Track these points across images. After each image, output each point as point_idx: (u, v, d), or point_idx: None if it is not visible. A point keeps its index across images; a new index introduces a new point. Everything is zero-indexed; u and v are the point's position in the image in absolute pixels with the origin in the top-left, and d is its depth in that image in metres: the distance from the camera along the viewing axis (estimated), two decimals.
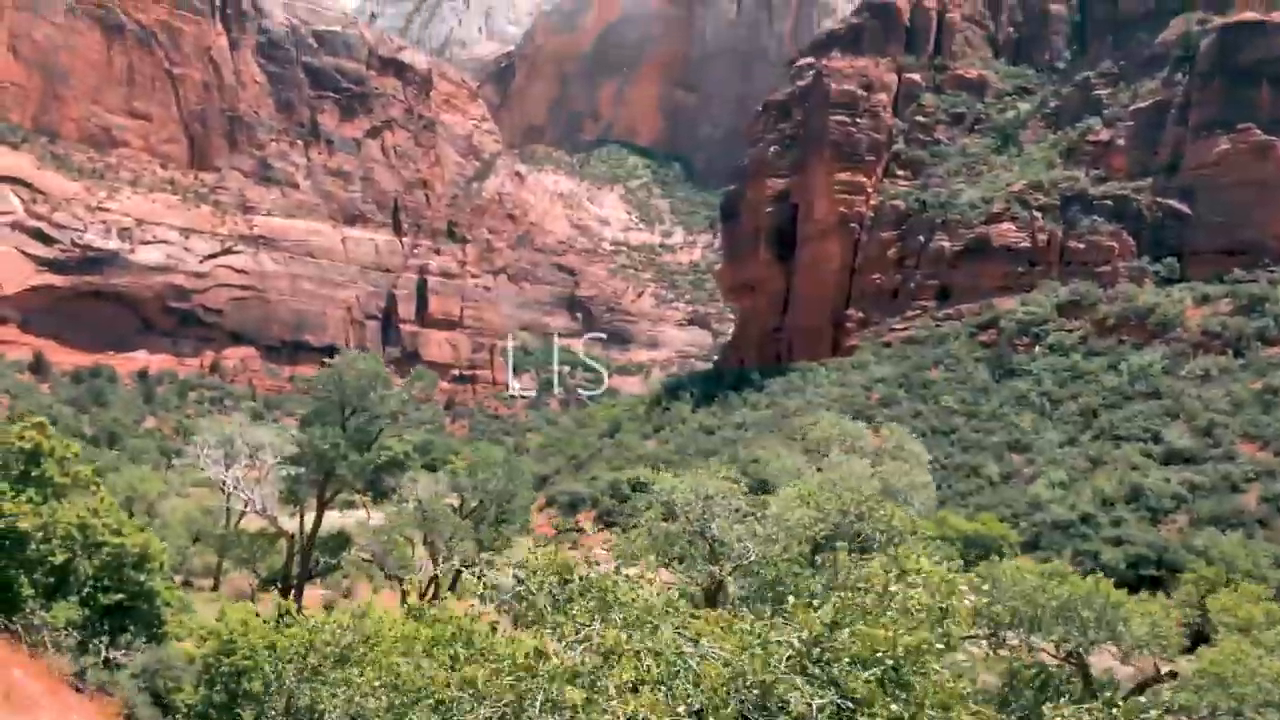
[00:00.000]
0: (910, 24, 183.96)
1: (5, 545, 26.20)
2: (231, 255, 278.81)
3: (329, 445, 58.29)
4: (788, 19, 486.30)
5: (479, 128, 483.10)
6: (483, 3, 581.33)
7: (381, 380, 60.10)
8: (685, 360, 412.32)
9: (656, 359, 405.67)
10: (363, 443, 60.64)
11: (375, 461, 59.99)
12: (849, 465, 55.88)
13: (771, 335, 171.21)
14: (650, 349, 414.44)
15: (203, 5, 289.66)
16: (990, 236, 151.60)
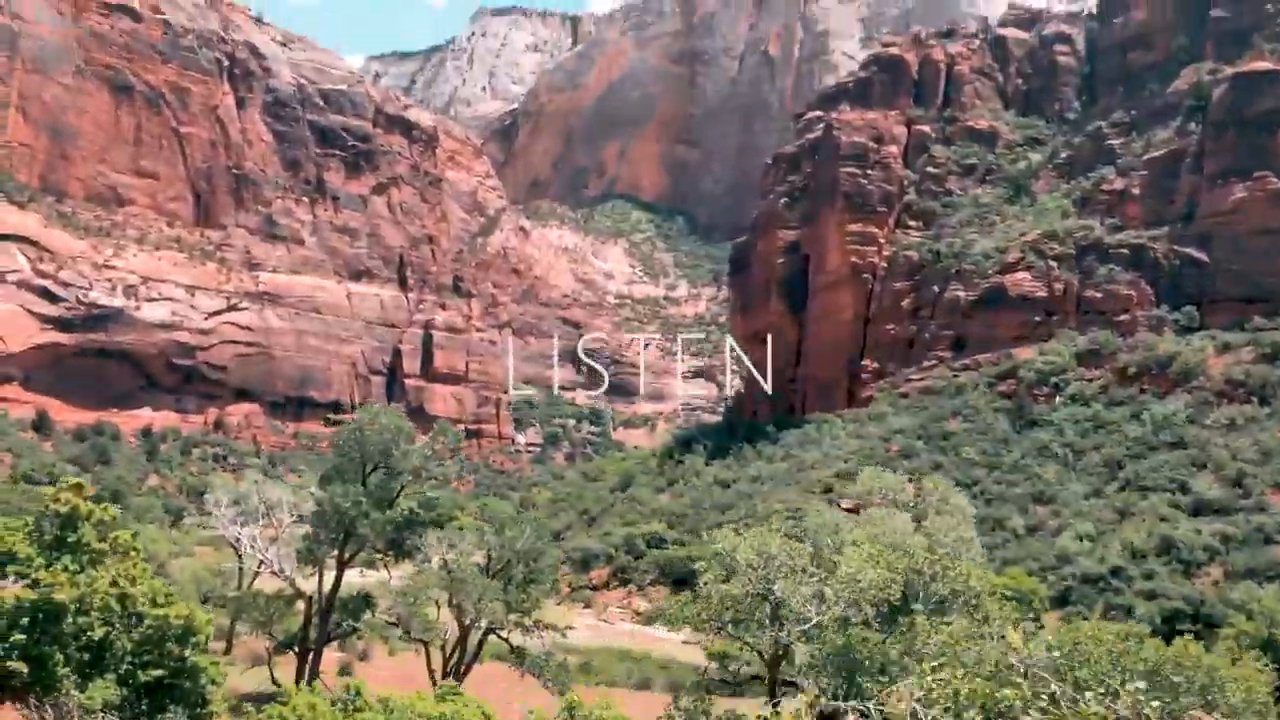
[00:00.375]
0: (918, 77, 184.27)
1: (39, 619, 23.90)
2: (236, 312, 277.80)
3: (350, 503, 56.19)
4: (788, 75, 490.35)
5: (483, 184, 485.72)
6: (486, 62, 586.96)
7: (404, 435, 58.08)
8: (691, 412, 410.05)
9: (662, 411, 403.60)
10: (384, 500, 58.54)
11: (397, 520, 57.78)
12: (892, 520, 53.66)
13: (785, 386, 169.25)
14: (655, 401, 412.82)
15: (210, 66, 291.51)
16: (1006, 286, 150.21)
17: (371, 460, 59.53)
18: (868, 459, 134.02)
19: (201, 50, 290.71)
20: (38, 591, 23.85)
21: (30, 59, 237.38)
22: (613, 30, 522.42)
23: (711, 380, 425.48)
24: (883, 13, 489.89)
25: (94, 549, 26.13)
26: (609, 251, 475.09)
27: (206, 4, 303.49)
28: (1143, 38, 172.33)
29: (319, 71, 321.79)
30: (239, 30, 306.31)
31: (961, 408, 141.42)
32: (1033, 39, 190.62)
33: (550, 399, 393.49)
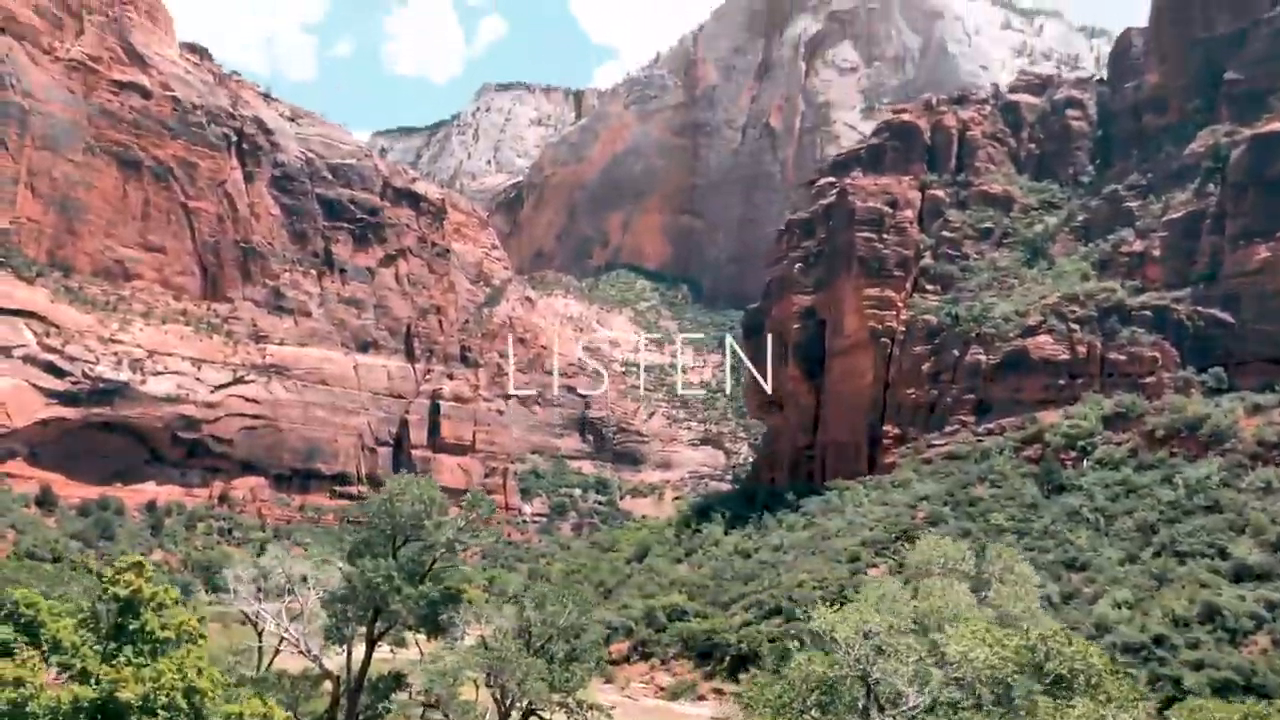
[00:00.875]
0: (931, 142, 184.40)
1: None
2: (243, 385, 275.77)
3: (381, 577, 53.48)
4: (790, 146, 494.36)
5: (489, 255, 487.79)
6: (491, 136, 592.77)
7: (437, 506, 55.54)
8: (699, 480, 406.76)
9: (669, 480, 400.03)
10: (416, 574, 55.84)
11: (430, 595, 54.97)
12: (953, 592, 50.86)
13: (803, 453, 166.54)
14: (663, 470, 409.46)
15: (219, 141, 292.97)
16: (1028, 350, 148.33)
17: (403, 532, 56.98)
18: (893, 526, 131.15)
19: (210, 126, 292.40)
20: (98, 689, 21.10)
21: (40, 136, 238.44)
22: (616, 104, 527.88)
23: (719, 448, 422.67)
24: (883, 84, 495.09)
25: (157, 637, 23.42)
26: (614, 320, 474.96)
27: (215, 81, 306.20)
28: (1156, 101, 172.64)
29: (327, 145, 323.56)
30: (247, 106, 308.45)
31: (987, 473, 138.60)
32: (1044, 104, 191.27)
33: (557, 468, 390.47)
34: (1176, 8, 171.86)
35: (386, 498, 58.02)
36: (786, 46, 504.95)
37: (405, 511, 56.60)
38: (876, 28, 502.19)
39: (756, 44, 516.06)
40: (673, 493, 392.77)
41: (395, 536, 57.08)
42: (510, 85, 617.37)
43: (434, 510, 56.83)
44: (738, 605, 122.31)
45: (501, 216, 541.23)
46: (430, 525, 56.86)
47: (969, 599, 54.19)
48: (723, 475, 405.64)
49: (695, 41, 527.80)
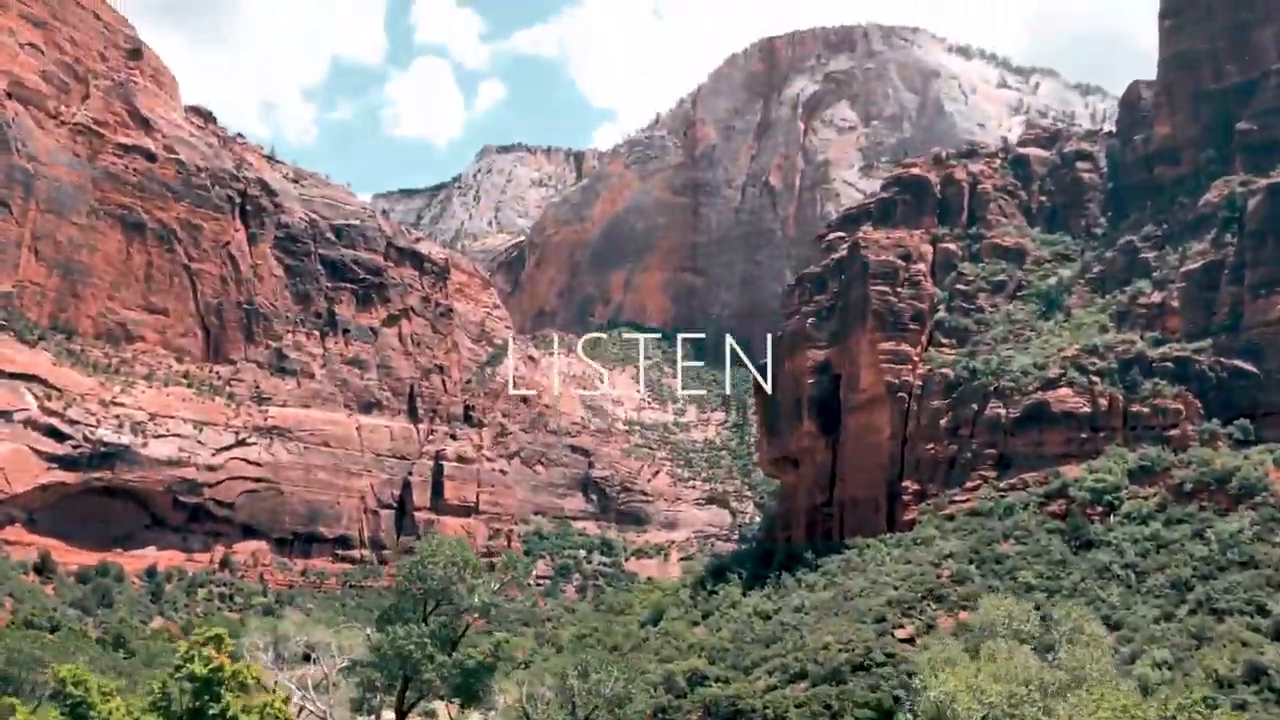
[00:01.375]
0: (941, 195, 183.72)
1: None
2: (245, 447, 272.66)
3: (413, 644, 50.66)
4: (790, 204, 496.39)
5: (491, 315, 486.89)
6: (492, 197, 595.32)
7: (471, 569, 52.88)
8: (705, 540, 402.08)
9: (675, 540, 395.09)
10: (448, 641, 53.02)
11: (464, 663, 52.08)
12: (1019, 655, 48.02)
13: (820, 510, 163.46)
14: (668, 530, 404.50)
15: (222, 202, 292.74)
16: (1049, 403, 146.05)
17: (434, 596, 54.28)
18: (919, 585, 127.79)
19: (214, 188, 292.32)
20: None
21: (45, 199, 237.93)
22: (616, 164, 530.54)
23: (724, 507, 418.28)
24: (881, 142, 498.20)
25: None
26: (617, 378, 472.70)
27: (220, 143, 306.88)
28: (1168, 152, 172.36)
29: (330, 206, 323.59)
30: (251, 168, 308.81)
31: (1012, 529, 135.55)
32: (1054, 157, 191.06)
33: (560, 530, 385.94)
34: (1185, 60, 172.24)
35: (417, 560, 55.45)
36: (785, 106, 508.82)
37: (437, 575, 54.00)
38: (873, 87, 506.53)
39: (755, 104, 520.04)
40: (678, 553, 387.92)
41: (426, 601, 54.42)
42: (511, 147, 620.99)
43: (467, 572, 54.22)
44: (761, 669, 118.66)
45: (503, 276, 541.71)
46: (463, 589, 54.22)
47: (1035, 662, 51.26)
48: (729, 535, 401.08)
49: (694, 103, 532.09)
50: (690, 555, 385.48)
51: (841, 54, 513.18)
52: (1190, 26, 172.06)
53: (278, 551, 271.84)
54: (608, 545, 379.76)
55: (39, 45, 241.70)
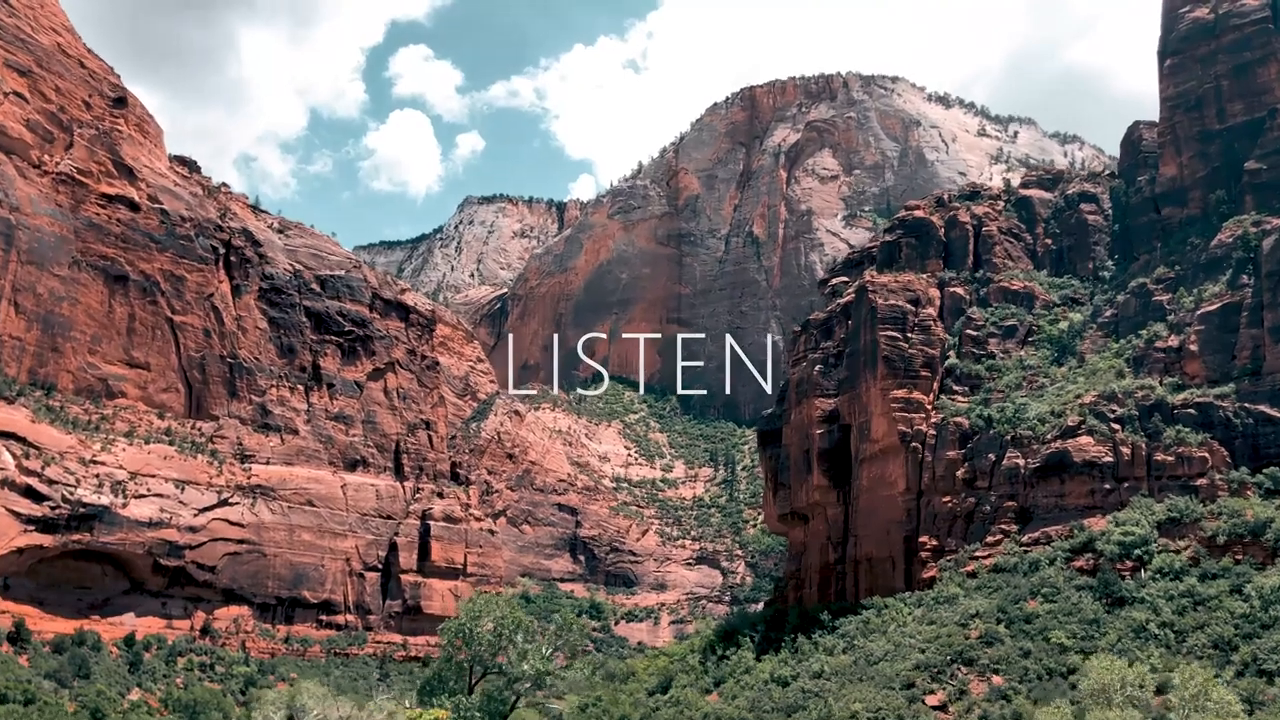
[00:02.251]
0: (946, 238, 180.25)
1: None
2: (227, 507, 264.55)
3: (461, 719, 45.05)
4: (775, 254, 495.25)
5: (474, 369, 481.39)
6: (474, 249, 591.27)
7: (522, 632, 47.41)
8: (696, 602, 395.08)
9: (665, 602, 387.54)
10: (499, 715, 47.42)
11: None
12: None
13: (833, 568, 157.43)
14: (658, 591, 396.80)
15: (207, 253, 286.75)
16: (1069, 452, 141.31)
17: (481, 663, 48.69)
18: (946, 648, 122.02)
19: (198, 238, 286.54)
20: None
21: (26, 251, 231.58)
22: (600, 214, 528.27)
23: (715, 567, 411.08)
24: (863, 191, 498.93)
25: None
26: (603, 434, 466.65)
27: (204, 193, 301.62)
28: (1175, 193, 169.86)
29: (315, 256, 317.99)
30: (235, 218, 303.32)
31: (1039, 586, 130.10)
32: (1057, 199, 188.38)
33: (548, 592, 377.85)
34: (1188, 99, 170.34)
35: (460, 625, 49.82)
36: (767, 155, 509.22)
37: (483, 640, 48.48)
38: (854, 136, 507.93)
39: (737, 153, 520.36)
40: (669, 616, 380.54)
41: (473, 668, 48.86)
42: (492, 198, 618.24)
43: (518, 636, 48.75)
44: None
45: (486, 329, 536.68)
46: (514, 654, 48.69)
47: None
48: (720, 596, 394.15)
49: (676, 152, 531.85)
50: (682, 618, 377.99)
51: (822, 103, 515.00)
52: (1192, 65, 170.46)
53: (260, 617, 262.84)
54: (597, 609, 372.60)
55: (23, 93, 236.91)
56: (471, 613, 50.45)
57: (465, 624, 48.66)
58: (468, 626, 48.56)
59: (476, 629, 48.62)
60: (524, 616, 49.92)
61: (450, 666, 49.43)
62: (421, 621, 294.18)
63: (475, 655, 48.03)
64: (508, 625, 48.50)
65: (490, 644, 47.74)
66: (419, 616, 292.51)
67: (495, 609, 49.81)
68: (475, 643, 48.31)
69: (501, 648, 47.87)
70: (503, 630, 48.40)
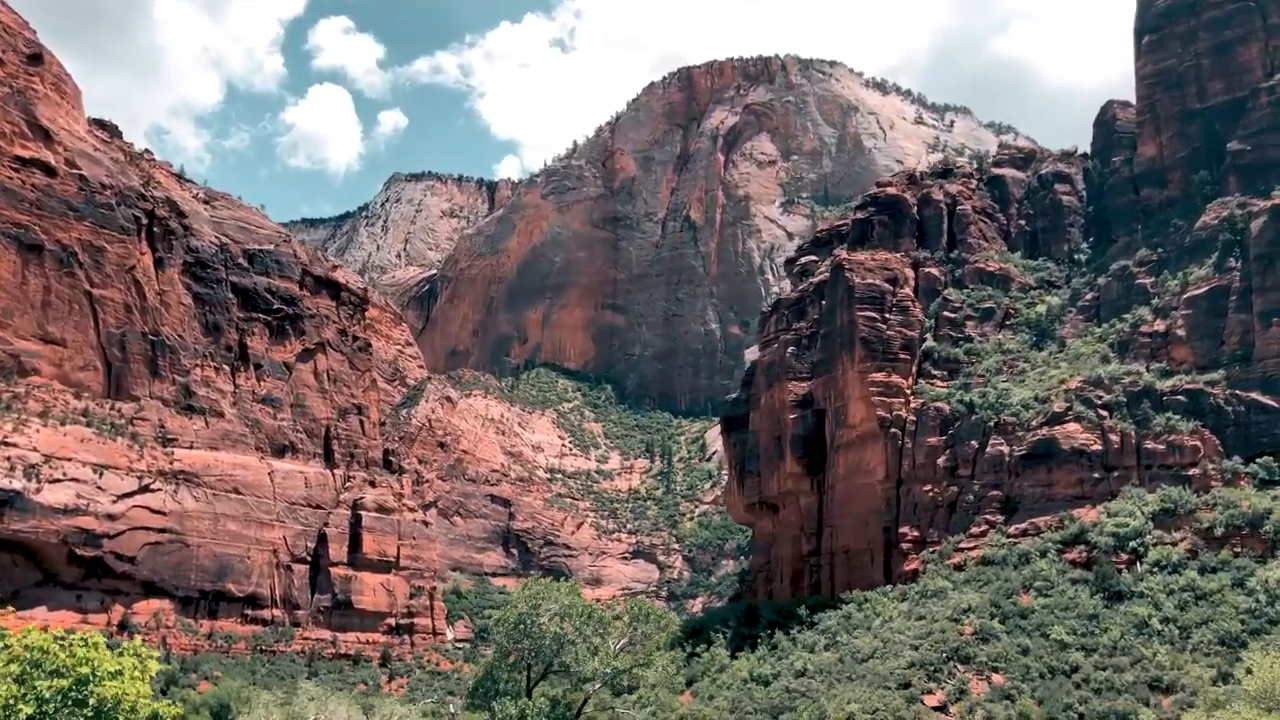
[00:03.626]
0: (920, 216, 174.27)
1: None
2: (149, 494, 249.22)
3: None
4: (712, 239, 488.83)
5: (403, 352, 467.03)
6: (401, 228, 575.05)
7: (594, 623, 39.25)
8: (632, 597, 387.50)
9: (601, 597, 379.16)
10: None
11: None
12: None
13: (806, 560, 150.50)
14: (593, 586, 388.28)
15: (128, 224, 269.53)
16: (1057, 439, 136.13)
17: (543, 660, 40.24)
18: (940, 645, 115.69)
19: (119, 208, 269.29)
20: None
21: None
22: (533, 194, 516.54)
23: (652, 561, 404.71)
24: (801, 177, 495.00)
25: None
26: (536, 422, 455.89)
27: (126, 160, 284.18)
28: (1155, 174, 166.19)
29: (243, 230, 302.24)
30: (159, 187, 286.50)
31: (1031, 579, 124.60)
32: (1030, 178, 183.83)
33: (480, 587, 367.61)
34: (1168, 79, 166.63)
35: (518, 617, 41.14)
36: (704, 139, 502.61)
37: (545, 633, 40.03)
38: (792, 121, 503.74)
39: (674, 135, 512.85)
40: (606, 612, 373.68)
41: (531, 667, 40.48)
42: (421, 175, 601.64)
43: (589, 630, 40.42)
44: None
45: (414, 312, 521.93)
46: (581, 650, 40.33)
47: None
48: (657, 591, 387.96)
49: (612, 132, 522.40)
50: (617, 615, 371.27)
51: (760, 85, 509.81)
52: (1171, 43, 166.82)
53: (182, 611, 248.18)
54: None
55: None
56: (530, 601, 41.70)
57: (525, 615, 39.95)
58: (528, 618, 39.87)
59: (536, 621, 40.00)
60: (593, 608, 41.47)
61: (504, 665, 40.76)
62: (352, 617, 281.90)
63: (538, 651, 39.48)
64: (575, 616, 39.96)
65: (556, 638, 39.19)
66: (349, 612, 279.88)
67: (558, 596, 41.19)
68: (537, 637, 39.64)
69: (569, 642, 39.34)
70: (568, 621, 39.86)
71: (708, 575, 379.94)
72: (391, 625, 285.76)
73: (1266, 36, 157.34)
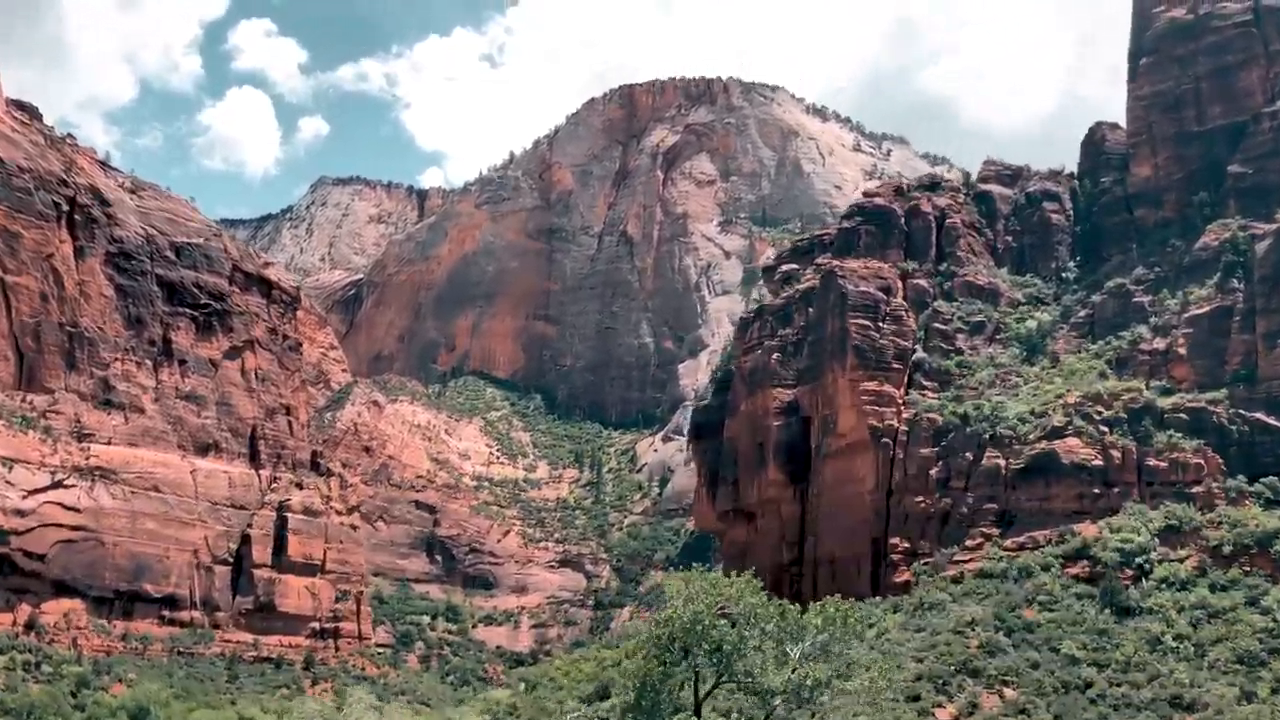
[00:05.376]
0: (908, 228, 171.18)
1: None
2: (62, 490, 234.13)
3: None
4: (649, 255, 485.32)
5: (326, 355, 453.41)
6: (326, 231, 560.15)
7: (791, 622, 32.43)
8: (558, 606, 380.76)
9: (526, 605, 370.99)
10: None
11: None
12: None
13: (786, 570, 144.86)
14: (518, 594, 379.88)
15: (48, 209, 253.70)
16: (1056, 453, 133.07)
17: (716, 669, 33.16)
18: (945, 658, 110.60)
19: (38, 192, 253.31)
20: None
21: None
22: (466, 203, 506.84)
23: (579, 570, 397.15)
24: (740, 198, 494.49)
25: None
26: (464, 430, 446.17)
27: (47, 143, 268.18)
28: (1149, 195, 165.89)
29: (170, 222, 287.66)
30: (82, 173, 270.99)
31: (1034, 593, 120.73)
32: (1017, 195, 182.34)
33: (402, 593, 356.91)
34: (1165, 101, 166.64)
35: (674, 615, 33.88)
36: (644, 156, 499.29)
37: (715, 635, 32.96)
38: (732, 143, 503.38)
39: (613, 151, 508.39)
40: (529, 620, 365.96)
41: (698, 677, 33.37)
42: (348, 180, 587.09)
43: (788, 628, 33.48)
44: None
45: (338, 316, 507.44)
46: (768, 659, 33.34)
47: None
48: (584, 600, 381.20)
49: (550, 145, 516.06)
50: (543, 622, 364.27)
51: (702, 106, 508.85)
52: (1168, 66, 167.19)
53: (94, 612, 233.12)
54: (454, 611, 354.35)
55: None
56: (680, 589, 34.42)
57: (702, 614, 32.78)
58: (705, 618, 32.71)
59: (708, 621, 32.83)
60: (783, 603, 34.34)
61: (660, 674, 33.42)
62: (274, 620, 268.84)
63: (715, 654, 32.33)
64: (759, 618, 32.88)
65: (734, 644, 32.09)
66: (272, 615, 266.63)
67: (727, 592, 34.03)
68: (702, 638, 32.48)
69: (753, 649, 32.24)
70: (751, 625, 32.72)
71: (635, 585, 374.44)
72: (316, 629, 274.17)
73: (1269, 63, 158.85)
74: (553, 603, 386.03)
